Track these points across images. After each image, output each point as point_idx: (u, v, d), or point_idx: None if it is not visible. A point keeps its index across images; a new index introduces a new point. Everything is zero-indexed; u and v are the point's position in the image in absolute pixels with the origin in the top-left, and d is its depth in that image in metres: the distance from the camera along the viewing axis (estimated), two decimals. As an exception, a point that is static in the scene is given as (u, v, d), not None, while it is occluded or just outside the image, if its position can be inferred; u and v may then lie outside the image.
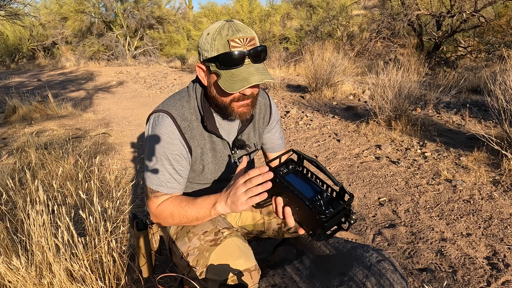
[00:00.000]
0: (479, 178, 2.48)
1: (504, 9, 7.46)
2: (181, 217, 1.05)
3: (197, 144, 1.12)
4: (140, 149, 3.56)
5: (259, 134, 1.28)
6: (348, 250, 1.24)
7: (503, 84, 2.78)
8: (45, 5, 14.82)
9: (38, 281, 1.24)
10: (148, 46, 14.24)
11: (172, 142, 1.07)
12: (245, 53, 0.97)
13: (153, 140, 1.08)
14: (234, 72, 0.98)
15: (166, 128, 1.07)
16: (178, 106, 1.11)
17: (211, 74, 1.03)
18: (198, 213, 1.02)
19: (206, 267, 1.02)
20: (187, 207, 1.03)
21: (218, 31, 0.98)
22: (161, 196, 1.08)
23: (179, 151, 1.08)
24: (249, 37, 0.98)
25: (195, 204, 1.02)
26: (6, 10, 6.66)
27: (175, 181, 1.09)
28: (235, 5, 10.76)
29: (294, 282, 1.20)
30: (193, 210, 1.02)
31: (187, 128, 1.10)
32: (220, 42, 0.97)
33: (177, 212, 1.04)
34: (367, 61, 8.53)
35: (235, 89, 0.96)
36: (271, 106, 1.29)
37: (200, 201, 1.02)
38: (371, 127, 3.70)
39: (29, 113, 5.04)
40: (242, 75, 0.97)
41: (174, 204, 1.06)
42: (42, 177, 2.53)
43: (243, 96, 1.03)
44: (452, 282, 1.52)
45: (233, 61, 0.97)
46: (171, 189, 1.08)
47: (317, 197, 0.89)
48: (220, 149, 1.17)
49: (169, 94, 7.17)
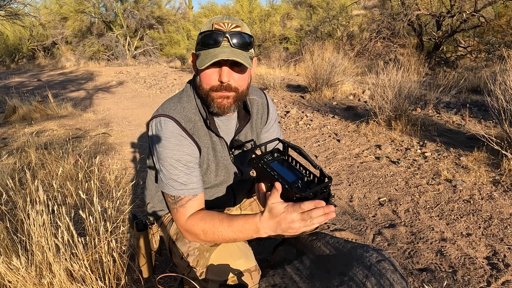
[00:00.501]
0: (479, 178, 2.48)
1: (504, 9, 7.46)
2: (215, 237, 0.99)
3: (203, 144, 1.12)
4: (140, 149, 3.56)
5: (257, 134, 1.27)
6: (348, 250, 1.24)
7: (503, 84, 2.78)
8: (45, 5, 14.82)
9: (38, 281, 1.24)
10: (148, 46, 14.24)
11: (180, 143, 1.06)
12: (224, 34, 0.97)
13: (160, 146, 1.06)
14: (210, 51, 0.98)
15: (172, 131, 1.05)
16: (179, 109, 1.10)
17: (196, 58, 1.05)
18: (236, 236, 0.97)
19: (206, 267, 1.02)
20: (221, 227, 0.97)
21: (210, 19, 1.01)
22: (187, 204, 1.04)
23: (190, 151, 1.07)
24: (235, 23, 1.00)
25: (232, 226, 0.96)
26: (6, 10, 6.66)
27: (193, 182, 1.06)
28: (235, 5, 10.77)
29: (294, 282, 1.20)
30: (230, 233, 0.97)
31: (193, 129, 1.09)
32: (207, 26, 1.01)
33: (210, 231, 0.99)
34: (367, 61, 8.53)
35: (204, 63, 0.97)
36: (268, 106, 1.29)
37: (238, 224, 0.95)
38: (371, 127, 3.70)
39: (29, 113, 5.04)
40: (214, 52, 0.97)
41: (205, 221, 1.00)
42: (42, 177, 2.53)
43: (221, 85, 1.02)
44: (452, 282, 1.52)
45: (210, 39, 0.98)
46: (193, 190, 1.05)
47: (297, 181, 0.91)
48: (219, 149, 1.16)
49: (169, 94, 7.17)
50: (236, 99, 1.06)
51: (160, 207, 1.28)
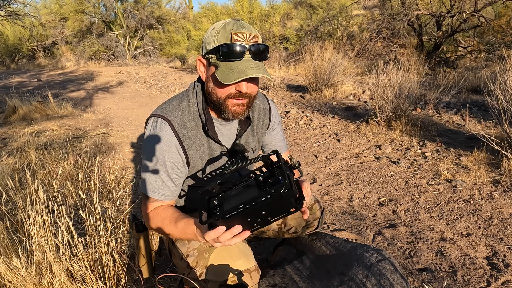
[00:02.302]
0: (479, 178, 2.48)
1: (504, 9, 7.45)
2: (168, 233, 1.05)
3: (195, 151, 1.12)
4: (140, 149, 3.56)
5: (258, 139, 1.27)
6: (348, 250, 1.24)
7: (503, 84, 2.78)
8: (45, 5, 14.82)
9: (38, 281, 1.24)
10: (148, 46, 14.23)
11: (169, 150, 1.07)
12: (246, 47, 0.98)
13: (150, 145, 1.08)
14: (232, 64, 0.98)
15: (164, 135, 1.07)
16: (177, 113, 1.10)
17: (210, 66, 1.03)
18: (184, 236, 1.01)
19: (206, 268, 1.02)
20: (170, 226, 1.02)
21: (223, 26, 0.99)
22: (153, 203, 1.09)
23: (175, 159, 1.09)
24: (252, 34, 0.99)
25: (177, 227, 1.00)
26: (6, 10, 6.66)
27: (167, 188, 1.09)
28: (235, 5, 10.76)
29: (294, 282, 1.20)
30: (177, 233, 1.01)
31: (185, 135, 1.10)
32: (224, 35, 0.98)
33: (164, 228, 1.04)
34: (367, 61, 8.53)
35: (231, 80, 0.96)
36: (270, 110, 1.29)
37: (182, 226, 0.99)
38: (371, 127, 3.70)
39: (29, 113, 5.04)
40: (240, 67, 0.97)
41: (160, 218, 1.05)
42: (42, 177, 2.53)
43: (239, 93, 1.02)
44: (452, 282, 1.52)
45: (233, 53, 0.97)
46: (163, 196, 1.09)
47: (262, 187, 0.83)
48: (217, 155, 1.16)
49: (169, 94, 7.16)
50: (249, 105, 1.08)
51: (160, 207, 1.28)
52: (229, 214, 0.80)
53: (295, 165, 0.88)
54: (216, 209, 0.84)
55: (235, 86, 1.02)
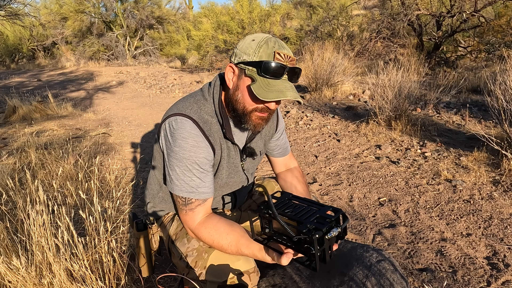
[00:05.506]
0: (479, 178, 2.48)
1: (504, 9, 7.45)
2: (222, 248, 1.02)
3: (218, 146, 1.11)
4: (140, 149, 3.56)
5: (265, 142, 1.30)
6: (348, 250, 1.24)
7: (503, 84, 2.78)
8: (45, 5, 14.82)
9: (38, 281, 1.24)
10: (148, 46, 14.24)
11: (198, 145, 1.04)
12: (286, 68, 1.00)
13: (176, 145, 1.04)
14: (271, 82, 0.99)
15: (189, 131, 1.04)
16: (195, 109, 1.08)
17: (245, 77, 1.02)
18: (243, 253, 1.00)
19: (205, 268, 1.02)
20: (229, 250, 1.00)
21: (265, 41, 1.00)
22: (196, 208, 1.04)
23: (206, 154, 1.06)
24: (291, 56, 1.02)
25: (239, 252, 0.99)
26: (6, 10, 6.66)
27: (205, 186, 1.06)
28: (235, 5, 10.75)
29: (294, 282, 1.20)
30: (234, 253, 1.01)
31: (209, 131, 1.08)
32: (266, 51, 0.99)
33: (217, 241, 1.01)
34: (367, 61, 8.52)
35: (269, 97, 0.97)
36: (278, 116, 1.32)
37: (247, 253, 0.98)
38: (371, 127, 3.70)
39: (29, 113, 5.04)
40: (278, 86, 0.99)
41: (216, 229, 1.02)
42: (42, 177, 2.53)
43: (267, 108, 1.04)
44: (452, 282, 1.52)
45: (275, 71, 0.98)
46: (203, 194, 1.05)
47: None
48: (233, 155, 1.17)
49: (169, 94, 7.15)
50: (269, 119, 1.10)
51: (160, 207, 1.27)
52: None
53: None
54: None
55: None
